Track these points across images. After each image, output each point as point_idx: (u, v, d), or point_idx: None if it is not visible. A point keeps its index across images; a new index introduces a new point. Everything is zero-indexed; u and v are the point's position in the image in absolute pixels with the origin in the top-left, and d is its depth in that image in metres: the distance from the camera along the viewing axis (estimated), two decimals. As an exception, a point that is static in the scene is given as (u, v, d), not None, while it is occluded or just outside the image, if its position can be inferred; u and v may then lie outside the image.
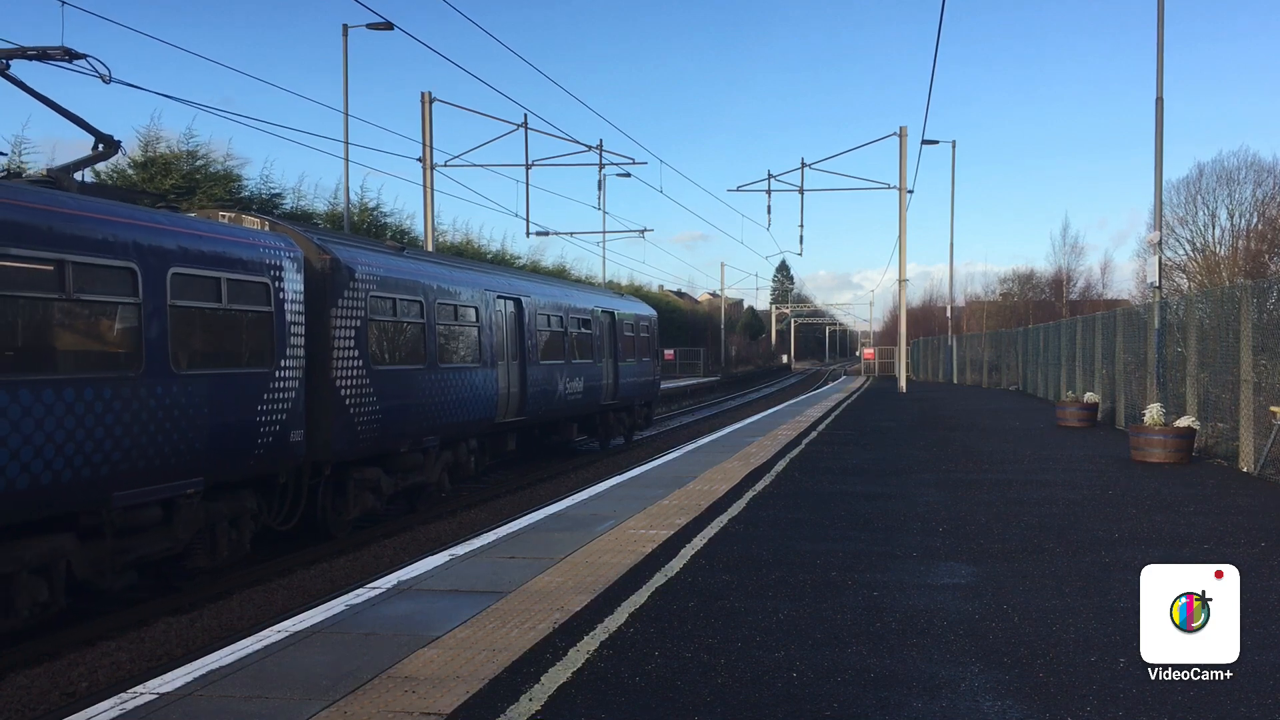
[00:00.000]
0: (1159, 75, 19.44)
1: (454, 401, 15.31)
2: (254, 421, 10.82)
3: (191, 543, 10.23)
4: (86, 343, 9.01)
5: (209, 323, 10.42)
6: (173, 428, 9.56)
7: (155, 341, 9.35)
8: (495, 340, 16.96)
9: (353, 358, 12.65)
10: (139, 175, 23.52)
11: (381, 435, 13.24)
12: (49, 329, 8.53)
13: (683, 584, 7.73)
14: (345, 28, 25.43)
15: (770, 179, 38.96)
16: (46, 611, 8.55)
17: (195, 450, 9.87)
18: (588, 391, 21.46)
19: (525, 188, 31.51)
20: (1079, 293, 75.91)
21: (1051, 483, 13.41)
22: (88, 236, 8.72)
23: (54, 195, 8.86)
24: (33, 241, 8.16)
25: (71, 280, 8.47)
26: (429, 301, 14.70)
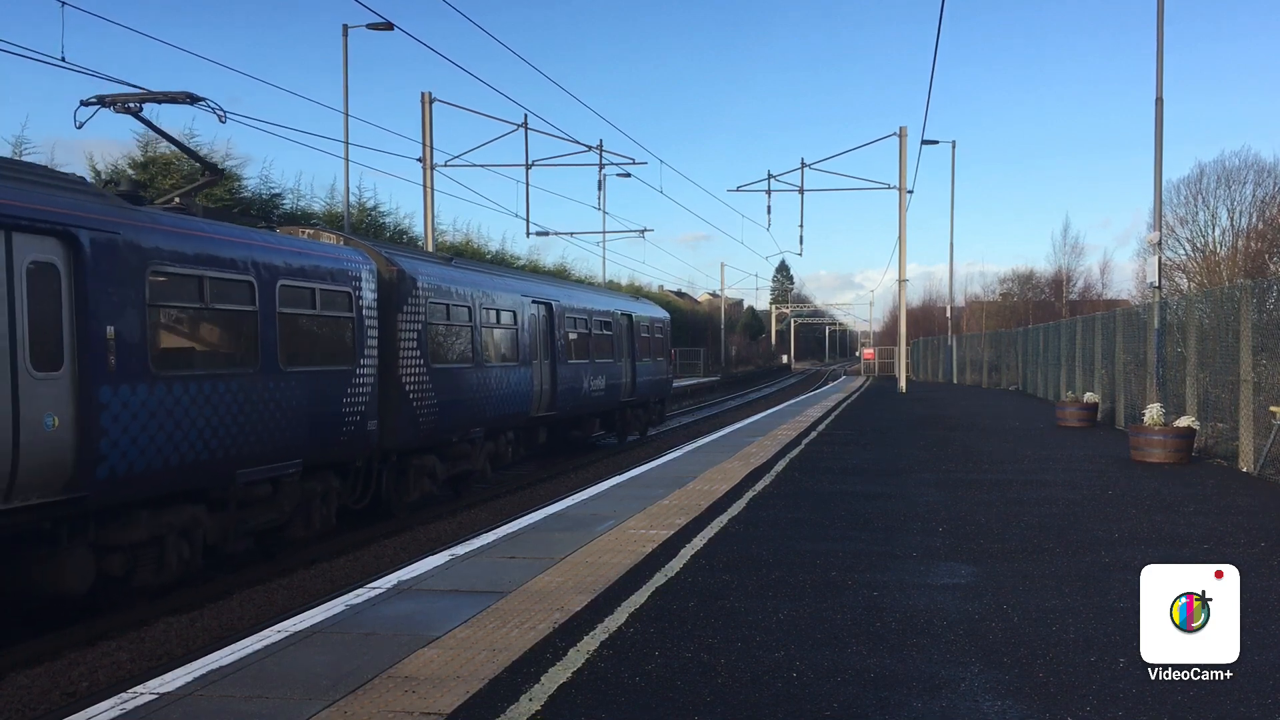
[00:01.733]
0: (1159, 75, 19.45)
1: (496, 397, 16.95)
2: (340, 412, 12.41)
3: (291, 516, 11.77)
4: (217, 345, 10.62)
5: (306, 327, 12.00)
6: (280, 417, 11.16)
7: (267, 343, 11.00)
8: (530, 341, 18.50)
9: (415, 357, 14.15)
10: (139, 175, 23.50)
11: (437, 426, 14.80)
12: (192, 333, 10.30)
13: (683, 584, 7.73)
14: (345, 28, 25.41)
15: (770, 179, 38.96)
16: (188, 569, 10.16)
17: (296, 436, 11.47)
18: (609, 389, 22.89)
19: (525, 188, 31.53)
20: (1079, 293, 75.98)
21: (1051, 483, 13.41)
22: (219, 256, 10.40)
23: (196, 222, 10.55)
24: (185, 261, 9.88)
25: (209, 292, 10.22)
26: (476, 306, 16.31)
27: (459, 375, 15.53)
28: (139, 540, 9.41)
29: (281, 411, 11.18)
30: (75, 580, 8.83)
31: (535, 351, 18.78)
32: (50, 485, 8.32)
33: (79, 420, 8.52)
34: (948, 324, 56.47)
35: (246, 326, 10.80)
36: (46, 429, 8.21)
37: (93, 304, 8.67)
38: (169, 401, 9.46)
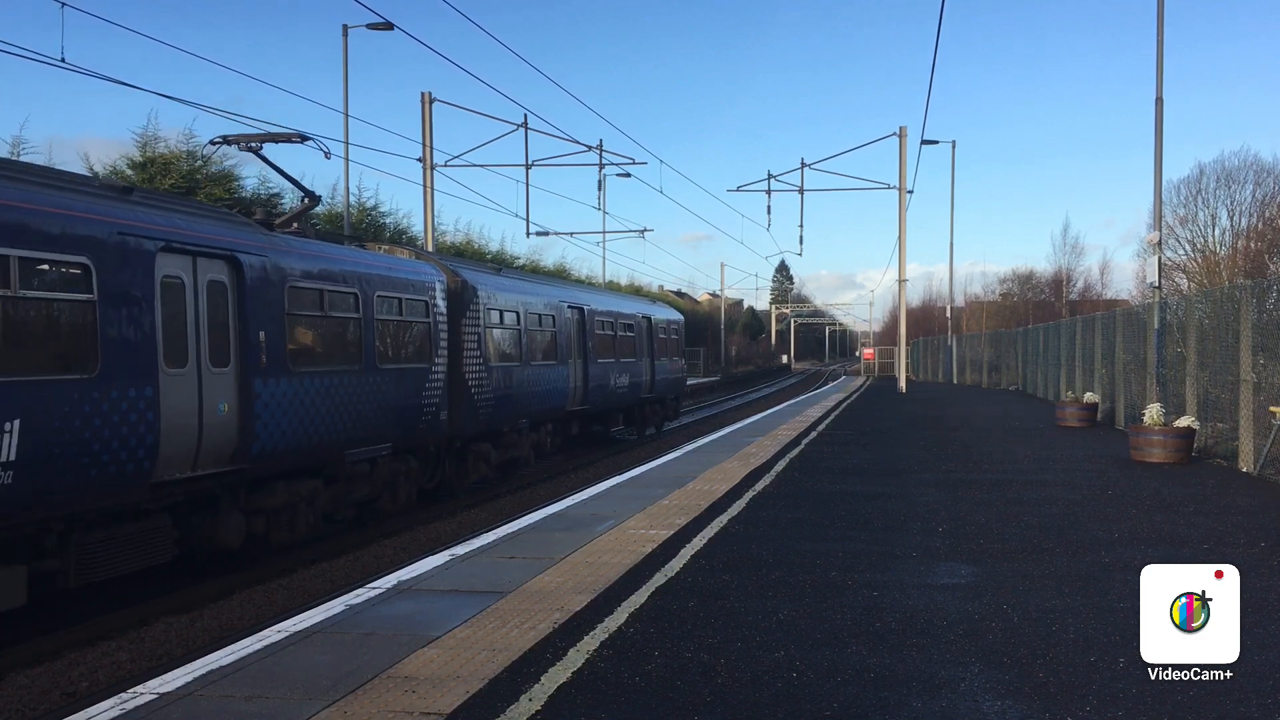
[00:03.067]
0: (1159, 75, 19.45)
1: (539, 392, 18.95)
2: (420, 404, 14.39)
3: (382, 491, 13.66)
4: (333, 346, 12.59)
5: (395, 331, 13.94)
6: (376, 407, 13.17)
7: (368, 345, 13.06)
8: (565, 343, 20.45)
9: (476, 357, 16.22)
10: (138, 176, 23.49)
11: (492, 417, 16.84)
12: (315, 336, 12.20)
13: (683, 584, 7.74)
14: (345, 28, 25.41)
15: (770, 179, 38.93)
16: (310, 532, 12.20)
17: (388, 424, 13.46)
18: (631, 386, 24.91)
19: (525, 188, 31.52)
20: (1079, 293, 75.99)
21: (1051, 483, 13.41)
22: (333, 271, 12.58)
23: (315, 244, 12.75)
24: (310, 277, 12.01)
25: (326, 303, 12.29)
26: (522, 312, 18.25)
27: (510, 373, 17.52)
28: (276, 506, 11.41)
29: (377, 403, 13.23)
30: (232, 537, 10.69)
31: (570, 352, 20.72)
32: (221, 458, 10.33)
33: (240, 407, 10.55)
34: (948, 324, 56.46)
35: (353, 331, 12.91)
36: (220, 413, 10.28)
37: (249, 313, 10.69)
38: (300, 393, 11.53)
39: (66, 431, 8.43)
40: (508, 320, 17.67)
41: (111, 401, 8.88)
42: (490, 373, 16.64)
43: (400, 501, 14.29)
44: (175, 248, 9.81)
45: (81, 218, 8.82)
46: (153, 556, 9.85)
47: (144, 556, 9.73)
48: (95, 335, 8.78)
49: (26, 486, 8.02)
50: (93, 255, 8.80)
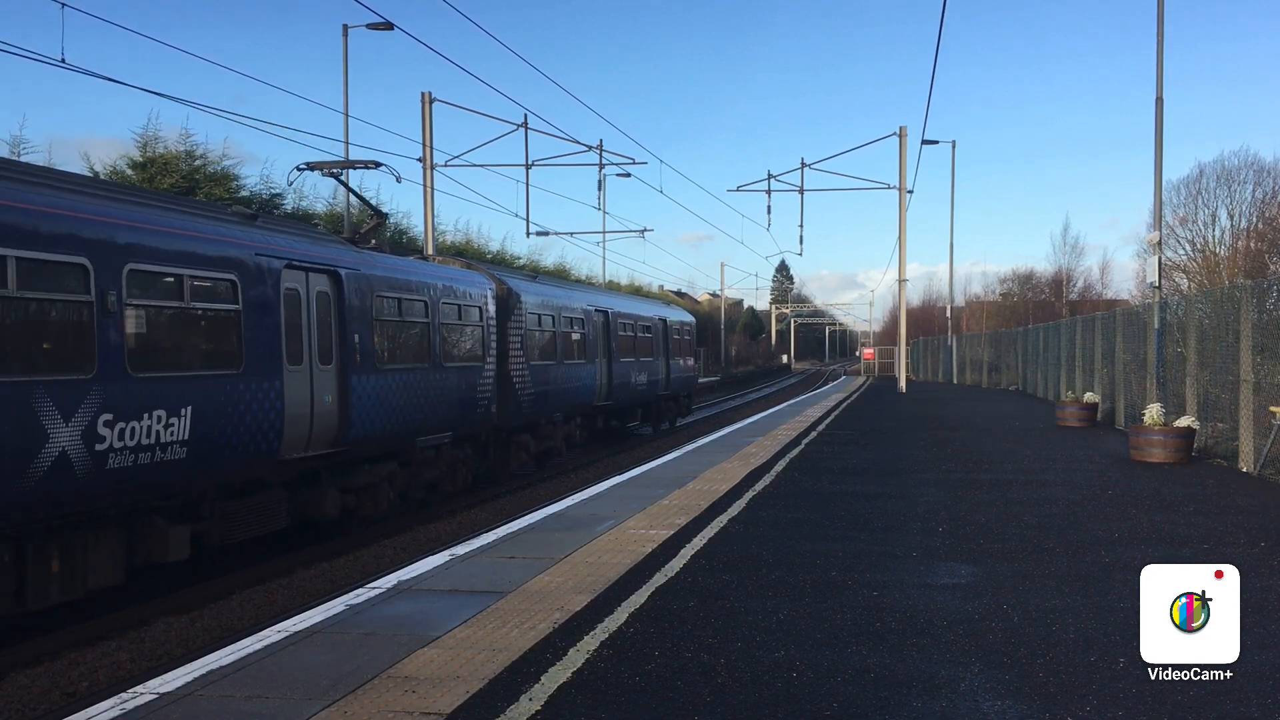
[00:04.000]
0: (1159, 75, 19.44)
1: (571, 389, 20.84)
2: (475, 397, 16.34)
3: (444, 474, 15.59)
4: (408, 347, 14.36)
5: (455, 333, 15.97)
6: (441, 400, 15.02)
7: (434, 346, 14.95)
8: (593, 343, 22.39)
9: (519, 356, 18.10)
10: (139, 175, 23.49)
11: (532, 410, 18.78)
12: (395, 338, 14.01)
13: (683, 584, 7.73)
14: (345, 28, 25.41)
15: (770, 179, 38.94)
16: (389, 508, 14.07)
17: (450, 415, 15.34)
18: (649, 384, 26.94)
19: (525, 188, 31.52)
20: (1079, 293, 75.98)
21: (1051, 483, 13.41)
22: (409, 281, 14.55)
23: (393, 259, 14.74)
24: (392, 287, 13.90)
25: (403, 309, 14.19)
26: (557, 315, 20.25)
27: (546, 371, 19.44)
28: (364, 485, 13.27)
29: (442, 396, 15.10)
30: (330, 509, 12.59)
31: (597, 351, 22.64)
32: (325, 442, 12.20)
33: (339, 399, 12.46)
34: (948, 324, 56.45)
35: (423, 334, 14.76)
36: (325, 404, 12.18)
37: (347, 319, 12.63)
38: (384, 388, 13.40)
39: (221, 416, 10.25)
40: (544, 323, 19.59)
41: (251, 392, 10.75)
42: (530, 370, 18.53)
43: (459, 484, 16.22)
44: (293, 265, 11.74)
45: (231, 242, 10.77)
46: (272, 524, 11.74)
47: (266, 523, 11.59)
48: (240, 338, 10.71)
49: (195, 460, 9.89)
50: (239, 273, 10.74)
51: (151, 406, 9.33)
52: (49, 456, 8.24)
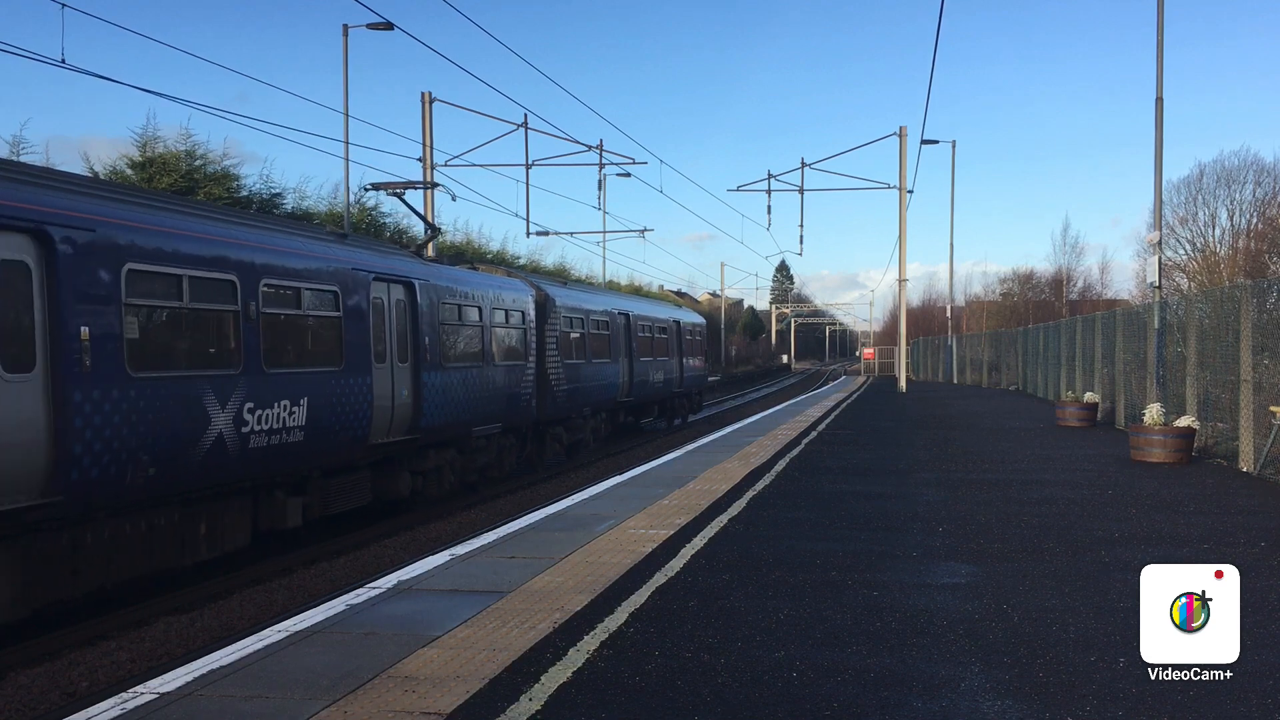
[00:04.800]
0: (1159, 75, 19.46)
1: (598, 386, 22.75)
2: (519, 393, 18.25)
3: (494, 461, 17.43)
4: (466, 347, 16.29)
5: (503, 335, 17.81)
6: (492, 395, 16.99)
7: (487, 346, 16.92)
8: (616, 344, 24.18)
9: (555, 355, 19.95)
10: (138, 175, 23.48)
11: (565, 406, 20.57)
12: (455, 340, 15.88)
13: (683, 584, 7.73)
14: (345, 28, 25.39)
15: (770, 179, 38.96)
16: (452, 489, 15.93)
17: (499, 408, 17.29)
18: (665, 381, 28.96)
19: (525, 188, 31.54)
20: (1079, 293, 75.97)
21: (1051, 483, 13.41)
22: (467, 291, 16.39)
23: (451, 270, 16.80)
24: (453, 295, 15.82)
25: (462, 314, 16.16)
26: (586, 318, 22.19)
27: (577, 369, 21.29)
28: (430, 468, 15.07)
29: (493, 391, 17.01)
30: (404, 489, 14.38)
31: (620, 351, 24.51)
32: (401, 429, 14.00)
33: (414, 393, 14.31)
34: (948, 324, 56.45)
35: (477, 335, 16.71)
36: (403, 397, 14.02)
37: (420, 324, 14.52)
38: (448, 384, 15.31)
39: (328, 407, 12.14)
40: (575, 325, 21.47)
41: (349, 387, 12.64)
42: (564, 369, 20.44)
43: (505, 470, 18.18)
44: (379, 277, 13.63)
45: (334, 259, 12.75)
46: (359, 500, 13.45)
47: (355, 499, 13.30)
48: (341, 341, 12.55)
49: (309, 442, 11.74)
50: (340, 285, 12.63)
51: (280, 397, 11.25)
52: (211, 436, 10.17)
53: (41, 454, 8.32)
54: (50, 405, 8.41)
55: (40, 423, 8.31)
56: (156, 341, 9.79)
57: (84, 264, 8.77)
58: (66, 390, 8.47)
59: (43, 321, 8.43)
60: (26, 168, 10.25)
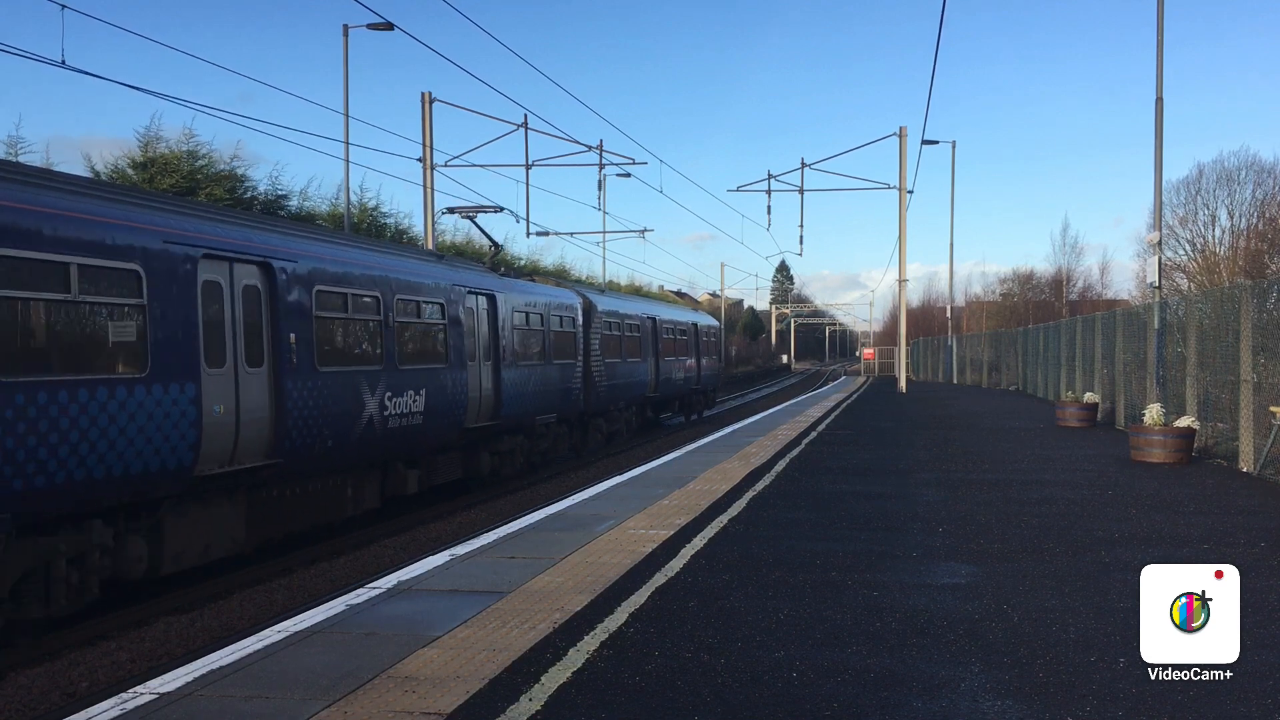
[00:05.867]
0: (1159, 75, 19.47)
1: (632, 382, 25.90)
2: (571, 387, 21.17)
3: (551, 446, 20.17)
4: (530, 348, 19.10)
5: (559, 337, 20.53)
6: (551, 389, 19.81)
7: (546, 346, 19.82)
8: (645, 344, 27.21)
9: (597, 354, 22.91)
10: (140, 175, 23.46)
11: (606, 399, 23.59)
12: (524, 340, 18.76)
13: (683, 584, 7.73)
14: (345, 28, 25.34)
15: (770, 179, 38.91)
16: (520, 468, 18.77)
17: (554, 400, 20.09)
18: (685, 379, 32.02)
19: (525, 188, 31.51)
20: (1079, 293, 75.96)
21: (1051, 483, 13.41)
22: (532, 300, 19.48)
23: (517, 282, 19.62)
24: (521, 303, 18.75)
25: (529, 320, 18.95)
26: (621, 322, 25.17)
27: (614, 367, 24.18)
28: (505, 450, 17.97)
29: (551, 386, 19.81)
30: (485, 467, 17.21)
31: (648, 351, 27.52)
32: (485, 416, 16.98)
33: (494, 386, 17.34)
34: (948, 324, 56.45)
35: (539, 337, 19.53)
36: (487, 390, 17.06)
37: (500, 326, 17.61)
38: (520, 379, 18.32)
39: (438, 396, 14.98)
40: (613, 328, 24.29)
41: (453, 380, 15.52)
42: (605, 367, 23.32)
43: (559, 454, 21.20)
44: (471, 291, 16.76)
45: (441, 276, 15.79)
46: (453, 475, 16.23)
47: (451, 474, 16.17)
48: (446, 343, 15.54)
49: (425, 425, 14.60)
50: (445, 298, 15.65)
51: (408, 388, 14.06)
52: (364, 418, 12.98)
53: (267, 427, 11.20)
54: (272, 391, 11.26)
55: (266, 404, 11.18)
56: (333, 344, 12.71)
57: (291, 287, 11.69)
58: (282, 380, 11.36)
59: (268, 329, 11.29)
60: (250, 216, 14.25)
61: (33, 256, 8.37)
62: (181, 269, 9.96)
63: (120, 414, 9.06)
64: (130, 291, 9.41)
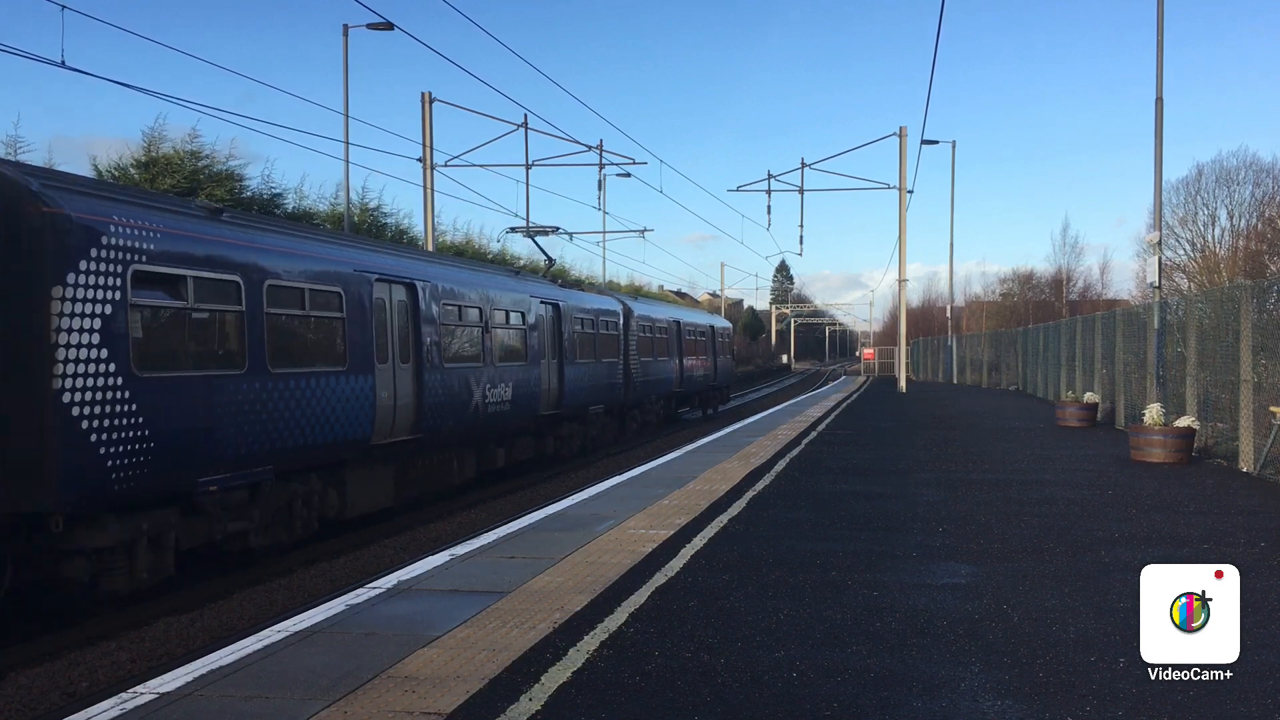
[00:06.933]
0: (1159, 75, 19.46)
1: (661, 379, 29.29)
2: (614, 382, 24.46)
3: (599, 433, 23.39)
4: (585, 348, 22.27)
5: (605, 339, 23.86)
6: (600, 383, 23.13)
7: (597, 347, 23.00)
8: (671, 345, 30.52)
9: (634, 355, 26.19)
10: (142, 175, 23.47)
11: (641, 393, 26.84)
12: (579, 342, 21.87)
13: (683, 584, 7.73)
14: (345, 28, 25.37)
15: (770, 179, 38.95)
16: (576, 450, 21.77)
17: (601, 393, 23.29)
18: (704, 376, 35.02)
19: (525, 188, 31.54)
20: (1079, 293, 75.98)
21: (1051, 483, 13.41)
22: (586, 306, 22.74)
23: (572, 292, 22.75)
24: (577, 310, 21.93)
25: (583, 325, 22.16)
26: (652, 325, 28.54)
27: (648, 365, 27.68)
28: (564, 435, 21.00)
29: (600, 381, 23.19)
30: (549, 449, 20.17)
31: (674, 351, 30.70)
32: (552, 406, 20.05)
33: (559, 381, 20.42)
34: (948, 324, 56.44)
35: (590, 339, 22.69)
36: (553, 383, 20.09)
37: (564, 331, 20.74)
38: (579, 374, 21.58)
39: (521, 388, 18.26)
40: (646, 330, 27.48)
41: (530, 375, 18.83)
42: (640, 364, 26.62)
43: (606, 440, 24.09)
44: (543, 301, 19.98)
45: (520, 289, 19.19)
46: (528, 454, 19.28)
47: (527, 454, 19.22)
48: (525, 344, 18.84)
49: (512, 412, 17.95)
50: (524, 307, 18.94)
51: (500, 381, 17.44)
52: (472, 404, 16.37)
53: (412, 410, 14.41)
54: (417, 382, 14.51)
55: (412, 392, 14.40)
56: (452, 346, 15.95)
57: (427, 301, 14.95)
58: (421, 374, 14.63)
59: (412, 335, 14.54)
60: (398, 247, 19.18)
61: (287, 285, 11.69)
62: (364, 290, 13.31)
63: (333, 397, 12.36)
64: (335, 307, 12.71)
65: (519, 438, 18.71)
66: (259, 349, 10.99)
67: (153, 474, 9.40)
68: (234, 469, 10.54)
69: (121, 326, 9.16)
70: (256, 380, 10.92)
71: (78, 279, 8.74)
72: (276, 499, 11.51)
